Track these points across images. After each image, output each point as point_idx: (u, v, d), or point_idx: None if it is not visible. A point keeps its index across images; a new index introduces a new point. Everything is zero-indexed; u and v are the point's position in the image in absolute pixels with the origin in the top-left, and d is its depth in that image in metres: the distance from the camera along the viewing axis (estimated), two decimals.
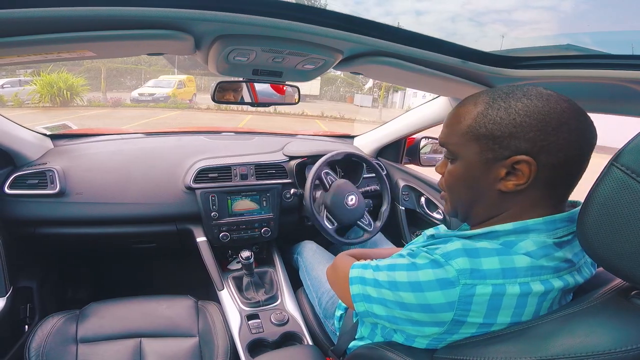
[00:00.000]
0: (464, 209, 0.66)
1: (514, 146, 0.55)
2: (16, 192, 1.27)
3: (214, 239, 1.49)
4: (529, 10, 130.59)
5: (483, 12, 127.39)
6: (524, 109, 0.55)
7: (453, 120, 0.63)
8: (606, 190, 0.46)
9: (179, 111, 14.99)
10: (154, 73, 20.37)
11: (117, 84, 19.33)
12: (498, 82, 0.99)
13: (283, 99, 1.22)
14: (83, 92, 14.42)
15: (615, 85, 0.76)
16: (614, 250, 0.46)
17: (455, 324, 0.57)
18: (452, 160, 0.65)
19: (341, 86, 25.49)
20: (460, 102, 0.64)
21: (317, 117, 17.32)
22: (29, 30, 0.62)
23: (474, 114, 0.59)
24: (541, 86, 0.59)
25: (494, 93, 0.59)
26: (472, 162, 0.60)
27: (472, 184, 0.61)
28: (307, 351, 1.07)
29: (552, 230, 0.58)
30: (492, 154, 0.57)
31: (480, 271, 0.54)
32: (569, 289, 0.58)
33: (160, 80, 17.36)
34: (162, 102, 15.56)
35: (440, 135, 0.67)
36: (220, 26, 0.70)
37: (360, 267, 0.71)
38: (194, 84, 18.81)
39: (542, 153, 0.54)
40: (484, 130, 0.57)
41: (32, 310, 1.37)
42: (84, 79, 14.76)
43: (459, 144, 0.61)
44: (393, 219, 1.82)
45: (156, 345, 1.14)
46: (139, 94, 15.70)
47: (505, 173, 0.57)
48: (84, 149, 1.50)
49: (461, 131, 0.61)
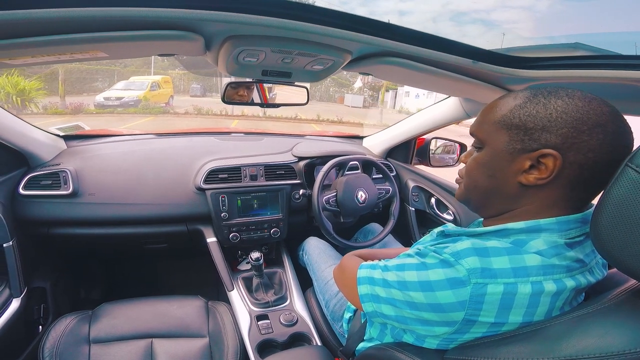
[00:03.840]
0: (479, 197, 0.66)
1: (544, 139, 0.54)
2: (30, 193, 1.29)
3: (223, 240, 1.50)
4: (507, 10, 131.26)
5: (463, 12, 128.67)
6: (563, 106, 0.54)
7: (488, 110, 0.63)
8: (620, 191, 0.45)
9: (151, 117, 13.14)
10: (129, 74, 18.27)
11: (87, 87, 17.14)
12: (508, 83, 0.98)
13: (292, 100, 1.23)
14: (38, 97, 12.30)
15: (627, 85, 0.75)
16: (628, 251, 0.45)
17: (466, 323, 0.56)
18: (478, 149, 0.64)
19: (331, 86, 24.60)
20: (500, 96, 0.63)
21: (313, 120, 16.00)
22: (43, 31, 0.63)
23: (511, 105, 0.59)
24: (568, 86, 0.58)
25: (537, 90, 0.59)
26: (499, 150, 0.60)
27: (494, 172, 0.61)
28: (316, 352, 1.06)
29: (565, 230, 0.57)
30: (521, 144, 0.57)
31: (491, 270, 0.54)
32: (580, 289, 0.57)
33: (131, 82, 15.35)
34: (132, 106, 13.70)
35: (472, 125, 0.66)
36: (230, 27, 0.70)
37: (369, 268, 0.71)
38: (170, 86, 16.80)
39: (572, 150, 0.53)
40: (517, 121, 0.57)
41: (46, 310, 1.39)
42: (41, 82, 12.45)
43: (489, 132, 0.61)
44: (403, 220, 1.82)
45: (167, 345, 1.14)
46: (104, 98, 13.68)
47: (530, 166, 0.56)
48: (97, 149, 1.52)
49: (494, 120, 0.61)
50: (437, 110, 1.58)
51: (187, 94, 20.25)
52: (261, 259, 1.39)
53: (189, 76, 20.72)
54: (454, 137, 1.91)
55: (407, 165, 1.89)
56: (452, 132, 1.71)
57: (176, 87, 17.93)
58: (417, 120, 1.74)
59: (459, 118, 1.47)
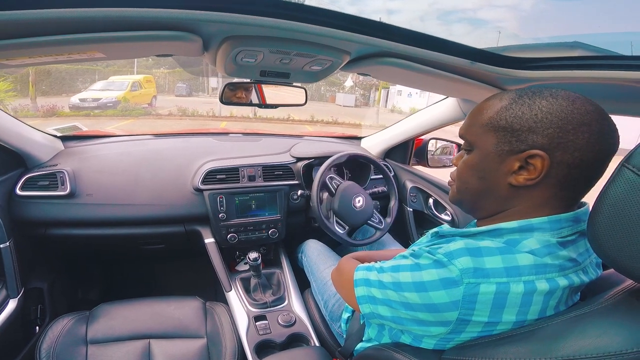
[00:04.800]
0: (471, 199, 0.67)
1: (531, 140, 0.55)
2: (27, 194, 1.29)
3: (221, 240, 1.50)
4: (493, 9, 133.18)
5: (450, 11, 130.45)
6: (547, 107, 0.55)
7: (476, 112, 0.64)
8: (617, 192, 0.46)
9: (131, 120, 12.18)
10: (111, 74, 16.94)
11: (66, 87, 15.79)
12: (506, 83, 0.98)
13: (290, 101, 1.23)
14: (7, 99, 10.87)
15: (625, 86, 0.75)
16: (625, 252, 0.45)
17: (461, 323, 0.57)
18: (468, 151, 0.65)
19: (322, 85, 23.87)
20: (486, 98, 0.64)
21: (307, 121, 15.07)
22: (40, 32, 0.62)
23: (497, 107, 0.60)
24: (552, 87, 0.59)
25: (521, 91, 0.60)
26: (487, 152, 0.61)
27: (484, 174, 0.62)
28: (314, 353, 1.07)
29: (557, 229, 0.58)
30: (509, 146, 0.58)
31: (484, 270, 0.54)
32: (574, 288, 0.57)
33: (110, 82, 14.35)
34: (111, 108, 12.75)
35: (461, 127, 0.67)
36: (229, 27, 0.70)
37: (365, 269, 0.72)
38: (153, 85, 15.78)
39: (558, 150, 0.54)
40: (504, 123, 0.58)
41: (43, 311, 1.39)
42: (10, 83, 11.39)
43: (477, 134, 0.62)
44: (401, 220, 1.82)
45: (165, 346, 1.14)
46: (80, 99, 12.70)
47: (518, 167, 0.57)
48: (94, 150, 1.52)
49: (481, 122, 0.62)
50: (435, 111, 1.59)
51: (172, 93, 19.51)
52: (259, 259, 1.39)
53: (174, 75, 20.04)
54: (452, 137, 1.91)
55: (405, 165, 1.89)
56: (450, 133, 1.71)
57: (161, 87, 17.27)
58: (415, 121, 1.74)
59: (456, 119, 1.48)
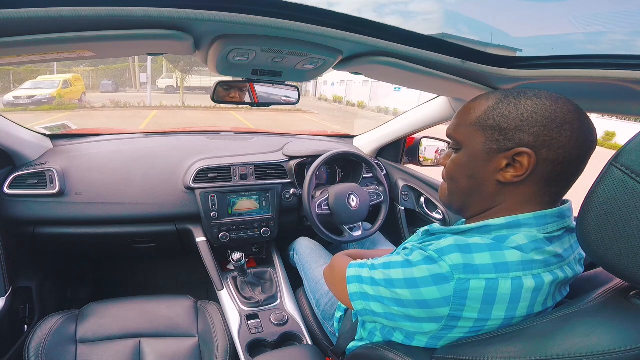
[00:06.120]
0: (461, 198, 0.68)
1: (518, 138, 0.57)
2: (16, 192, 1.27)
3: (213, 239, 1.49)
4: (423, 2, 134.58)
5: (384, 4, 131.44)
6: (532, 106, 0.57)
7: (463, 112, 0.66)
8: (606, 190, 0.46)
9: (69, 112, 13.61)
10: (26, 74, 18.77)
11: None
12: (497, 82, 0.99)
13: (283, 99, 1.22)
14: None
15: (614, 85, 0.76)
16: (613, 250, 0.46)
17: (452, 319, 0.58)
18: (456, 151, 0.67)
19: None
20: (473, 98, 0.66)
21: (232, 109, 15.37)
22: (29, 31, 0.62)
23: (484, 107, 0.62)
24: (540, 86, 0.60)
25: (506, 92, 0.62)
26: (476, 151, 0.62)
27: (472, 173, 0.64)
28: (306, 351, 1.07)
29: (543, 225, 0.59)
30: (496, 144, 0.60)
31: (473, 266, 0.55)
32: (560, 283, 0.59)
33: (39, 82, 15.77)
34: (46, 104, 14.16)
35: (448, 127, 0.69)
36: (220, 26, 0.70)
37: (357, 266, 0.73)
38: (81, 83, 17.67)
39: (544, 147, 0.56)
40: (491, 122, 0.60)
41: (32, 310, 1.37)
42: None
43: (466, 134, 0.64)
44: (393, 219, 1.83)
45: (156, 345, 1.14)
46: (14, 97, 14.00)
47: (506, 164, 0.59)
48: (84, 149, 1.50)
49: (469, 122, 0.63)
50: (427, 110, 1.59)
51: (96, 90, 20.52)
52: (243, 259, 1.38)
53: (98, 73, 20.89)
54: (443, 136, 1.92)
55: (397, 164, 1.90)
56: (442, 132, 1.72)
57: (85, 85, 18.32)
58: (406, 119, 1.75)
59: (448, 118, 1.48)
